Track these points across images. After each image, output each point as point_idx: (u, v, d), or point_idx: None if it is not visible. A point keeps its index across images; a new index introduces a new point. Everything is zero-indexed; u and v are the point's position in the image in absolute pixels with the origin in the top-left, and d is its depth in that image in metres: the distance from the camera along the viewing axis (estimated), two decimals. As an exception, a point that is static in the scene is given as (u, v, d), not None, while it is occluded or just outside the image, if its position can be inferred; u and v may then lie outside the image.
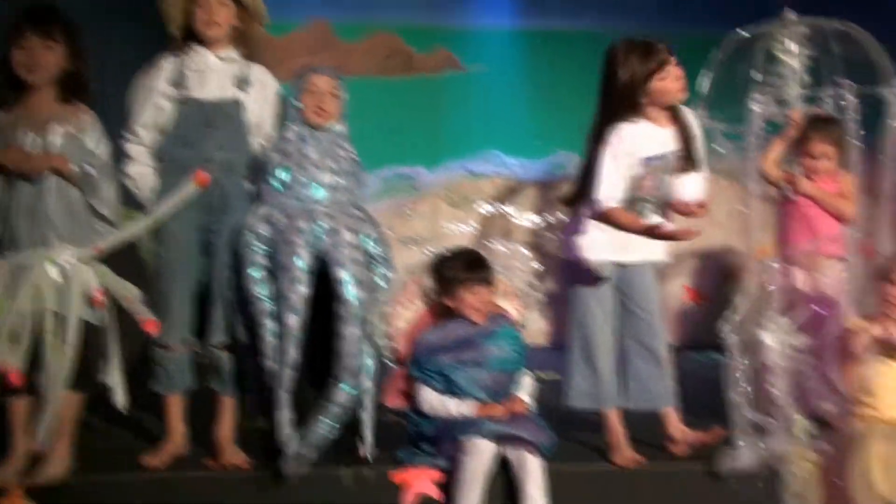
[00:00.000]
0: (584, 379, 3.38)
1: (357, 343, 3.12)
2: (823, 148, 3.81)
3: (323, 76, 3.32)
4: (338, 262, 3.12)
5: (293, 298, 3.09)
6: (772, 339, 3.20)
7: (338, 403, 3.12)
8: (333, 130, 3.31)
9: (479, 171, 6.46)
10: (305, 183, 3.22)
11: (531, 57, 6.51)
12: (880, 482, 3.08)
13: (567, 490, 3.18)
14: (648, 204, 3.34)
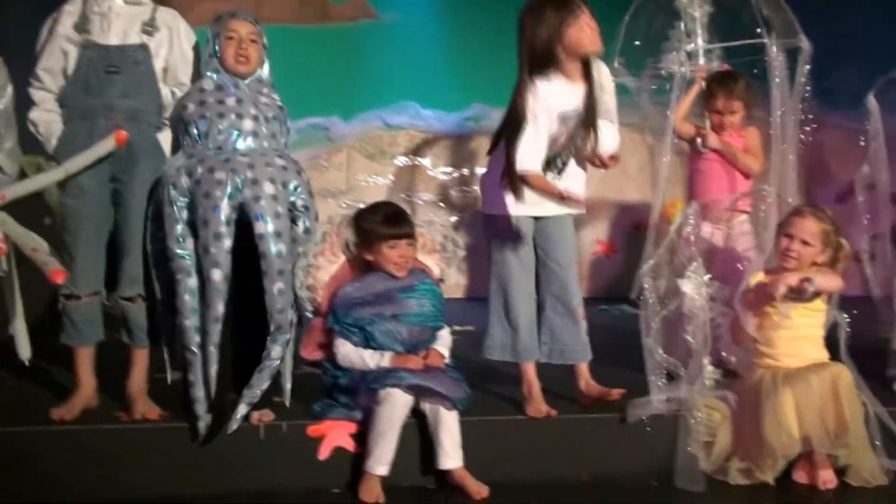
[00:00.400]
0: (501, 332, 3.41)
1: (284, 298, 3.07)
2: (728, 103, 3.90)
3: (242, 21, 3.21)
4: (258, 216, 3.04)
5: (216, 252, 3.02)
6: (689, 288, 3.26)
7: (272, 359, 3.09)
8: (255, 77, 3.22)
9: (395, 123, 6.43)
10: (225, 132, 3.11)
11: (447, 8, 6.46)
12: (792, 422, 3.19)
13: (481, 441, 3.21)
14: (563, 158, 3.34)
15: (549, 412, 3.31)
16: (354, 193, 6.39)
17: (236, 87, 3.17)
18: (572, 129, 3.31)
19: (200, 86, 3.19)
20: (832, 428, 3.16)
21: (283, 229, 3.06)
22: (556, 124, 3.28)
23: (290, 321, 3.11)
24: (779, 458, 3.19)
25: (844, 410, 3.16)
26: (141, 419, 3.20)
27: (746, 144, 3.94)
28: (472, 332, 4.20)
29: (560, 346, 3.42)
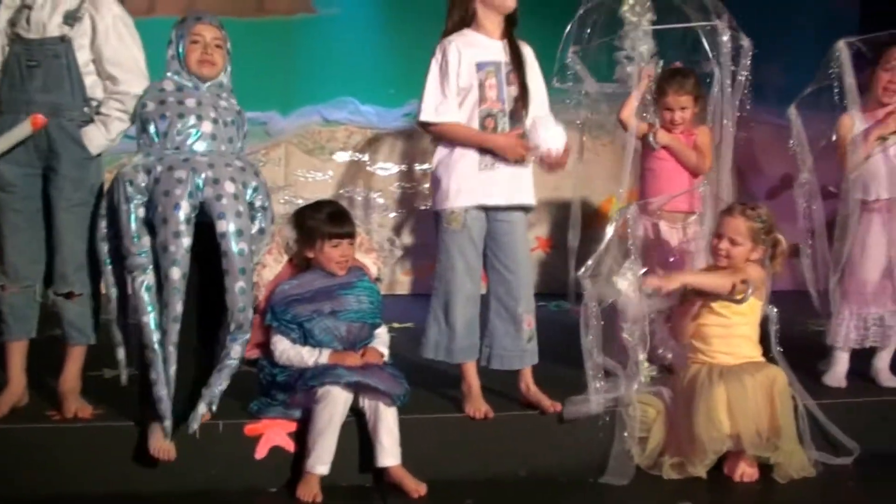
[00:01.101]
0: (437, 331, 3.40)
1: (245, 297, 3.03)
2: (677, 98, 3.92)
3: (208, 25, 3.18)
4: (220, 215, 3.00)
5: (174, 251, 2.96)
6: (623, 285, 3.29)
7: (232, 358, 3.06)
8: (216, 82, 3.19)
9: (334, 119, 6.39)
10: (184, 133, 3.08)
11: (385, 3, 6.43)
12: (724, 419, 3.24)
13: (419, 439, 3.22)
14: (498, 116, 3.33)
15: (488, 412, 3.32)
16: (293, 189, 6.34)
17: (196, 90, 3.14)
18: (496, 83, 3.30)
19: (161, 85, 3.15)
20: (765, 432, 3.22)
21: (244, 228, 3.03)
22: (471, 75, 3.29)
23: (250, 320, 3.07)
24: (709, 452, 3.24)
25: (778, 415, 3.23)
26: (73, 417, 3.14)
27: (696, 143, 3.96)
28: (411, 329, 4.20)
29: (500, 350, 3.42)
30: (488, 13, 3.33)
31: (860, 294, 3.84)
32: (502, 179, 3.33)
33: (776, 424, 3.22)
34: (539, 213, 6.67)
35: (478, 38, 3.34)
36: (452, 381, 3.49)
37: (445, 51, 3.31)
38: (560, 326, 3.95)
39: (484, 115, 3.31)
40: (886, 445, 3.56)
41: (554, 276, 6.35)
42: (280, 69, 6.18)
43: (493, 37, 3.35)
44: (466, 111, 3.31)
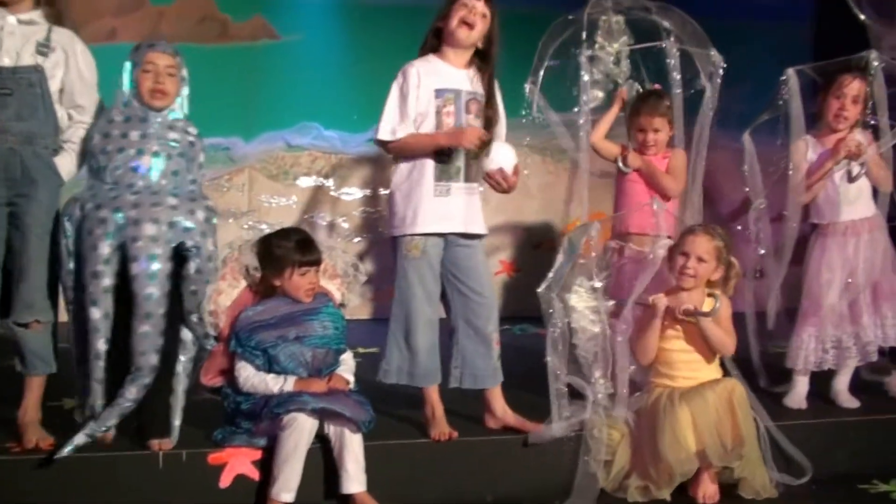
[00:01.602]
0: (399, 356, 3.41)
1: (147, 341, 3.01)
2: (650, 119, 3.92)
3: (161, 53, 3.16)
4: (133, 257, 3.00)
5: (93, 291, 2.97)
6: (577, 303, 3.31)
7: (127, 399, 3.03)
8: (169, 111, 3.17)
9: (297, 144, 6.39)
10: (122, 168, 3.07)
11: (348, 29, 6.46)
12: (690, 439, 3.27)
13: (384, 465, 3.21)
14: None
15: (452, 434, 3.33)
16: (256, 214, 6.32)
17: (144, 121, 3.13)
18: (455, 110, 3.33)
19: (110, 116, 3.15)
20: (728, 441, 3.25)
21: (157, 271, 3.01)
22: (428, 101, 3.33)
23: (152, 365, 3.04)
24: (676, 475, 3.26)
25: (740, 423, 3.26)
26: (34, 449, 3.10)
27: (669, 166, 3.96)
28: (376, 354, 4.19)
29: (472, 370, 3.44)
30: (450, 43, 3.37)
31: (817, 317, 3.88)
32: (457, 207, 3.37)
33: (738, 432, 3.25)
34: (503, 236, 6.71)
35: (441, 65, 3.39)
36: (416, 406, 3.48)
37: (406, 74, 3.35)
38: (525, 350, 3.97)
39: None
40: (846, 467, 3.61)
41: (518, 299, 6.38)
42: (243, 95, 6.18)
43: (457, 66, 3.39)
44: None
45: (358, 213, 6.52)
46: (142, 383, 3.04)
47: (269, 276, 3.28)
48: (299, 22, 6.39)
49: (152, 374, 3.06)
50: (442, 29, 3.37)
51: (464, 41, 3.35)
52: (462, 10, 3.32)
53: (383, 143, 3.40)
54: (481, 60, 3.42)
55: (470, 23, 3.32)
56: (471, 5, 3.31)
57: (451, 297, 3.45)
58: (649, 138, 3.94)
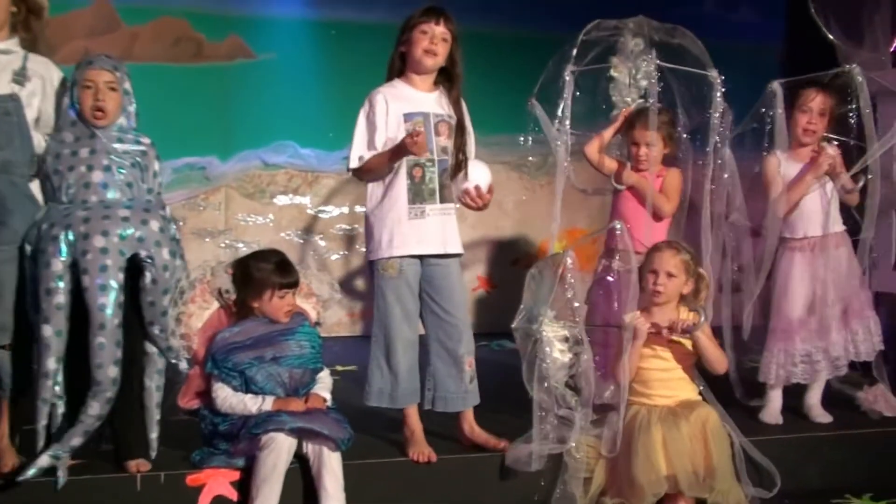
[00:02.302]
0: (380, 378, 3.42)
1: (105, 354, 3.00)
2: (644, 133, 3.85)
3: (100, 70, 3.14)
4: (84, 270, 2.99)
5: (46, 308, 2.97)
6: (547, 331, 3.30)
7: (89, 415, 3.02)
8: (115, 126, 3.16)
9: (274, 162, 6.40)
10: (74, 186, 3.07)
11: (323, 47, 6.48)
12: (661, 461, 3.28)
13: (363, 484, 3.22)
14: (426, 166, 3.38)
15: (431, 456, 3.33)
16: (234, 233, 6.31)
17: (91, 138, 3.12)
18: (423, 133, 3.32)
19: (60, 137, 3.14)
20: (700, 472, 3.25)
21: (108, 283, 3.00)
22: (398, 126, 3.35)
23: (111, 378, 3.02)
24: (648, 495, 3.26)
25: (712, 455, 3.27)
26: (10, 472, 3.07)
27: (663, 185, 3.90)
28: (355, 371, 4.20)
29: (443, 393, 3.45)
30: (416, 66, 3.41)
31: (786, 331, 3.91)
32: (432, 228, 3.39)
33: (710, 464, 3.26)
34: (480, 252, 6.74)
35: (407, 90, 3.42)
36: (395, 425, 3.49)
37: (373, 101, 3.38)
38: (501, 366, 3.98)
39: (412, 165, 3.37)
40: (818, 481, 3.64)
41: (494, 315, 6.41)
42: (219, 114, 6.18)
43: (421, 89, 3.43)
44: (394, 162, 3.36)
45: (335, 231, 6.53)
46: (103, 398, 3.02)
47: (247, 299, 3.28)
48: (274, 41, 6.41)
49: (113, 388, 3.03)
50: (405, 54, 3.41)
51: (430, 68, 3.39)
52: (424, 40, 3.35)
53: (355, 172, 3.44)
54: (446, 80, 3.46)
55: (433, 51, 3.36)
56: (430, 32, 3.35)
57: (425, 317, 3.46)
58: (641, 152, 3.87)
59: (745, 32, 6.80)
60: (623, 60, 3.92)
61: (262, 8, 6.42)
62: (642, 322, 3.40)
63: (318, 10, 6.48)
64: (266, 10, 6.42)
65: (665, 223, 3.94)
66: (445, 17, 3.38)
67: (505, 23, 6.58)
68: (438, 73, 3.45)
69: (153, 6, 6.18)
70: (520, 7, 6.56)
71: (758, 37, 6.77)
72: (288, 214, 6.44)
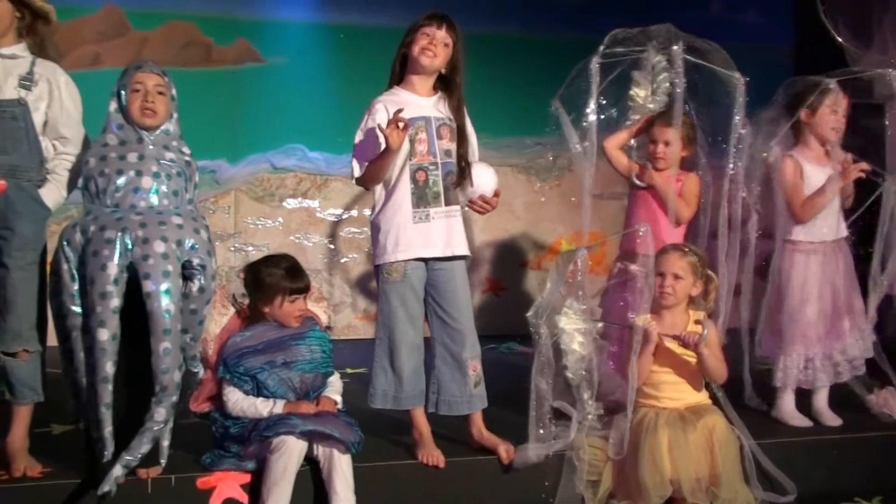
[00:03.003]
0: (384, 380, 3.43)
1: (171, 358, 3.00)
2: (663, 131, 3.84)
3: (149, 73, 3.16)
4: (146, 275, 2.97)
5: (101, 312, 2.94)
6: (566, 324, 3.32)
7: (156, 421, 3.02)
8: (162, 131, 3.17)
9: (283, 166, 6.42)
10: (123, 189, 3.06)
11: (332, 51, 6.50)
12: (666, 464, 3.28)
13: (372, 487, 3.23)
14: (430, 169, 3.40)
15: (439, 459, 3.35)
16: (243, 237, 6.33)
17: (140, 142, 3.12)
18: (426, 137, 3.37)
19: (104, 140, 3.13)
20: (704, 480, 3.26)
21: (172, 288, 3.00)
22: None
23: (176, 383, 3.04)
24: (653, 497, 3.27)
25: (718, 464, 3.27)
26: (22, 476, 3.09)
27: (682, 189, 3.88)
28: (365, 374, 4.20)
29: (447, 397, 3.46)
30: (415, 71, 3.42)
31: (805, 335, 3.91)
32: (437, 231, 3.40)
33: (715, 473, 3.26)
34: (489, 255, 6.74)
35: (407, 96, 3.42)
36: (404, 427, 3.50)
37: (372, 111, 3.39)
38: (510, 369, 3.98)
39: (415, 169, 3.38)
40: (828, 484, 3.64)
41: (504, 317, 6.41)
42: (228, 118, 6.21)
43: (421, 94, 3.44)
44: (398, 166, 3.37)
45: (345, 234, 6.54)
46: (170, 402, 3.02)
47: (259, 303, 3.30)
48: (283, 45, 6.43)
49: (178, 392, 3.05)
50: (407, 55, 3.42)
51: (427, 68, 3.39)
52: (423, 40, 3.36)
53: (359, 181, 3.45)
54: (445, 87, 3.47)
55: (431, 51, 3.36)
56: (431, 34, 3.36)
57: (430, 320, 3.48)
58: (659, 150, 3.86)
59: (752, 34, 6.78)
60: (644, 76, 3.92)
61: (271, 12, 6.44)
62: (654, 326, 3.40)
63: (327, 13, 6.50)
64: (274, 14, 6.44)
65: (682, 227, 3.93)
66: (448, 22, 3.39)
67: (513, 26, 6.59)
68: (439, 79, 3.47)
69: (162, 11, 6.21)
70: (528, 10, 6.58)
71: (765, 38, 6.76)
72: (297, 218, 6.46)
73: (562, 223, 6.77)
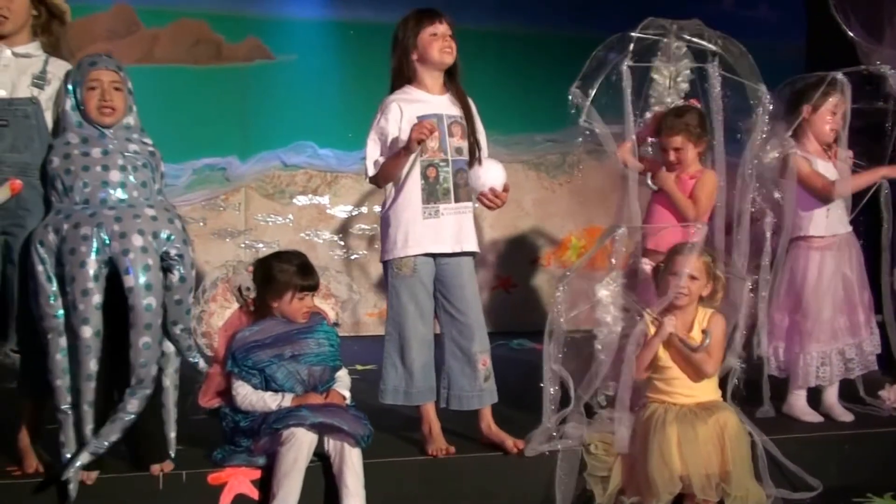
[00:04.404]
0: (395, 376, 3.44)
1: (149, 352, 3.00)
2: (669, 140, 3.86)
3: (104, 70, 3.12)
4: (127, 270, 2.96)
5: (84, 309, 2.93)
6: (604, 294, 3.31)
7: (128, 412, 3.02)
8: (122, 125, 3.15)
9: (293, 163, 6.43)
10: (91, 185, 3.04)
11: (342, 48, 6.51)
12: (676, 461, 3.28)
13: (383, 482, 3.23)
14: (440, 166, 3.40)
15: (449, 449, 3.36)
16: (253, 233, 6.35)
17: (102, 138, 3.11)
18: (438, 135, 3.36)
19: (66, 139, 3.10)
20: (714, 477, 3.25)
21: (153, 281, 2.99)
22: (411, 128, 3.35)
23: (152, 376, 3.04)
24: (663, 493, 3.25)
25: (729, 460, 3.26)
26: (34, 473, 3.11)
27: (695, 187, 3.85)
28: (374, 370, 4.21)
29: (457, 392, 3.46)
30: (427, 70, 3.43)
31: (821, 332, 3.89)
32: (447, 227, 3.41)
33: (726, 470, 3.25)
34: (499, 252, 6.75)
35: (419, 94, 3.43)
36: (414, 423, 3.51)
37: (385, 109, 3.40)
38: (521, 364, 3.98)
39: (426, 165, 3.39)
40: (840, 480, 3.61)
41: (514, 314, 6.42)
42: (239, 115, 6.23)
43: (434, 92, 3.45)
44: (409, 162, 3.38)
45: (354, 231, 6.56)
46: (143, 395, 3.03)
47: (267, 298, 3.30)
48: (293, 42, 6.45)
49: (153, 386, 3.06)
50: (417, 60, 3.41)
51: (448, 64, 3.42)
52: (437, 41, 3.38)
53: (372, 179, 3.47)
54: (450, 79, 3.48)
55: (450, 49, 3.39)
56: (440, 32, 3.39)
57: (439, 315, 3.49)
58: (671, 156, 3.88)
59: (764, 30, 6.77)
60: (664, 62, 3.92)
61: (281, 9, 6.46)
62: (671, 320, 3.41)
63: (337, 10, 6.51)
64: (284, 12, 6.46)
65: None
66: (445, 16, 3.42)
67: (523, 23, 6.59)
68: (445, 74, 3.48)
69: (172, 8, 6.23)
70: (538, 7, 6.57)
71: (777, 34, 6.74)
72: (307, 214, 6.47)
73: (572, 219, 6.77)
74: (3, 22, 3.15)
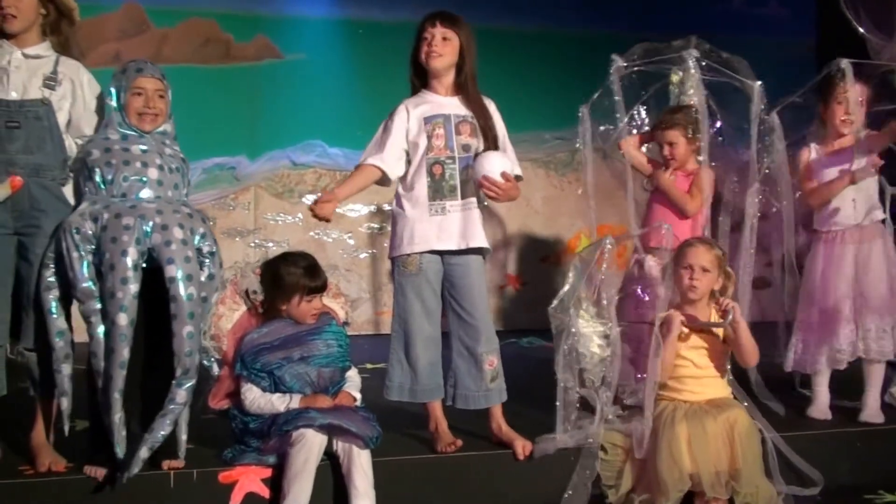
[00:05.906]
0: (400, 373, 3.46)
1: (193, 341, 3.04)
2: (663, 135, 3.96)
3: (150, 77, 3.19)
4: (169, 260, 3.02)
5: (122, 297, 2.97)
6: (582, 326, 3.32)
7: (177, 403, 3.05)
8: (158, 131, 3.21)
9: (302, 162, 6.45)
10: (130, 180, 3.09)
11: (351, 46, 6.52)
12: (685, 458, 3.27)
13: (392, 481, 3.24)
14: (446, 163, 3.42)
15: (455, 442, 3.37)
16: (263, 232, 6.37)
17: (141, 138, 3.16)
18: (443, 134, 3.39)
19: (106, 134, 3.16)
20: (724, 474, 3.24)
21: (193, 273, 3.05)
22: (419, 129, 3.41)
23: (197, 366, 3.08)
24: (672, 491, 3.24)
25: (738, 458, 3.24)
26: (46, 472, 3.12)
27: (692, 183, 3.94)
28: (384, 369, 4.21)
29: (463, 391, 3.47)
30: (430, 72, 3.45)
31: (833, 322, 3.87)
32: (453, 224, 3.41)
33: (736, 467, 3.23)
34: (509, 250, 6.75)
35: (428, 95, 3.48)
36: (423, 422, 3.51)
37: (394, 112, 3.46)
38: (531, 363, 3.97)
39: (432, 163, 3.41)
40: (851, 477, 3.60)
41: (524, 312, 6.41)
42: (248, 114, 6.25)
43: (441, 93, 3.47)
44: (416, 160, 3.42)
45: (364, 229, 6.56)
46: (190, 386, 3.06)
47: (275, 301, 3.31)
48: (302, 41, 6.46)
49: (197, 377, 3.09)
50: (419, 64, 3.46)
51: (439, 69, 3.43)
52: (424, 46, 3.40)
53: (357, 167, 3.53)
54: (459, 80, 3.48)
55: (435, 52, 3.39)
56: (430, 36, 3.39)
57: (447, 314, 3.49)
58: (666, 152, 3.99)
59: (774, 27, 6.75)
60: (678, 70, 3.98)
61: (290, 8, 6.48)
62: (677, 314, 3.40)
63: (346, 9, 6.53)
64: (293, 11, 6.48)
65: (690, 222, 3.96)
66: (442, 17, 3.42)
67: (532, 21, 6.59)
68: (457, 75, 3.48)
69: (182, 8, 6.25)
70: (547, 5, 6.57)
71: (787, 32, 6.72)
72: (317, 213, 6.48)
73: (581, 218, 6.75)
74: (11, 20, 3.17)
